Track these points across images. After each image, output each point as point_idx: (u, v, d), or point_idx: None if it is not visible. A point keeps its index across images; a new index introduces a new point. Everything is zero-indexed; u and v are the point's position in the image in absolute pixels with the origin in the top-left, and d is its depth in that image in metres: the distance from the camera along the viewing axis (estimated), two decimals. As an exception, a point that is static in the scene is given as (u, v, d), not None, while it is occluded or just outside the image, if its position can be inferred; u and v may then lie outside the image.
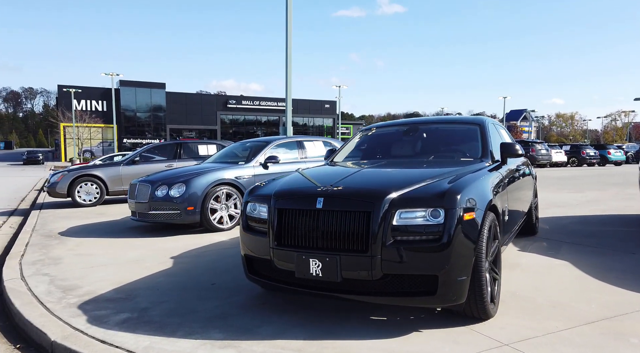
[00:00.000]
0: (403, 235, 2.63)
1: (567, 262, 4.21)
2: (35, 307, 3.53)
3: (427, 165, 3.59)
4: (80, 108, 53.01)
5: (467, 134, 4.18)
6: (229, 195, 6.75)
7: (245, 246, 3.33)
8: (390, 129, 4.73)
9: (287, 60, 12.40)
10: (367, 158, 4.34)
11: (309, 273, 2.78)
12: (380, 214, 2.64)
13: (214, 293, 3.74)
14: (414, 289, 2.65)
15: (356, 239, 2.68)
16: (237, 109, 61.90)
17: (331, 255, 2.71)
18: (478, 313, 2.78)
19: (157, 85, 57.82)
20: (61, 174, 10.50)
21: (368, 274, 2.64)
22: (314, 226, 2.83)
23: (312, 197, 2.87)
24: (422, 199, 2.66)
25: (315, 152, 8.17)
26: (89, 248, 5.69)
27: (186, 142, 11.88)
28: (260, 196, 3.28)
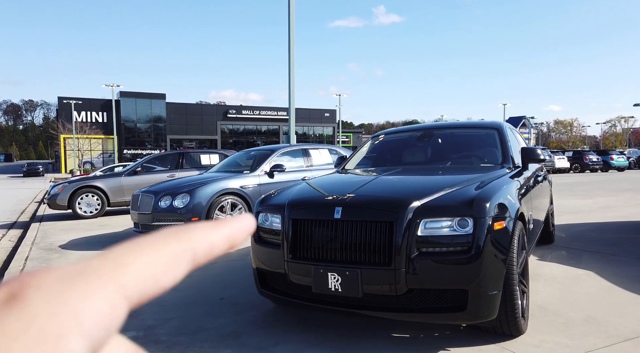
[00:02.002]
0: (429, 247, 2.46)
1: (592, 272, 4.03)
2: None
3: (446, 172, 3.43)
4: (80, 119, 52.97)
5: (484, 139, 4.02)
6: (234, 205, 6.58)
7: (257, 259, 3.15)
8: (403, 135, 4.57)
9: (290, 70, 12.31)
10: (380, 165, 4.18)
11: (327, 288, 2.61)
12: (404, 224, 2.47)
13: (224, 309, 3.55)
14: (441, 305, 2.48)
15: (378, 251, 2.51)
16: (237, 118, 61.86)
17: (351, 269, 2.54)
18: (509, 330, 2.60)
19: (157, 95, 57.86)
20: (62, 186, 10.33)
21: (391, 289, 2.46)
22: (331, 237, 2.66)
23: (329, 206, 2.71)
24: (448, 208, 2.49)
25: (321, 160, 8.01)
26: (91, 261, 5.50)
27: (188, 152, 11.73)
28: (272, 206, 3.12)
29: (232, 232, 0.25)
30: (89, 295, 0.19)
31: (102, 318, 0.19)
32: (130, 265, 0.21)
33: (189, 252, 0.23)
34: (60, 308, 0.18)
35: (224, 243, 0.25)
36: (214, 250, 0.24)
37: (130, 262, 0.21)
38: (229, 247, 0.25)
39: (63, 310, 0.18)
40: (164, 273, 0.22)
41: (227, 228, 0.25)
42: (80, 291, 0.19)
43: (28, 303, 0.18)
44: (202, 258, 0.24)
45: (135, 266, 0.21)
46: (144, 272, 0.21)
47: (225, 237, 0.25)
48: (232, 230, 0.25)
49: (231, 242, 0.25)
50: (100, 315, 0.19)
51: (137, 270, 0.21)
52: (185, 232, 0.24)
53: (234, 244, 0.25)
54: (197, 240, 0.23)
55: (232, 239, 0.25)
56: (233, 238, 0.25)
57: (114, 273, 0.20)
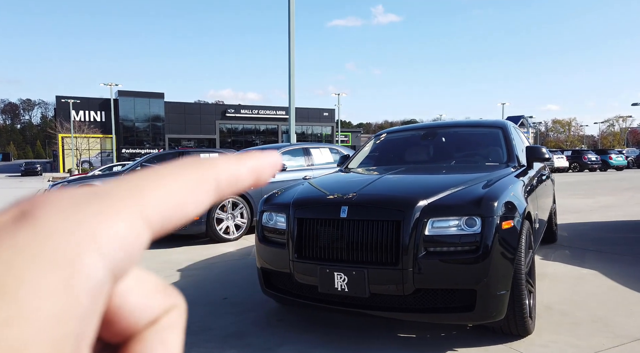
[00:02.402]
0: (436, 246, 2.44)
1: (596, 272, 4.02)
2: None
3: (452, 171, 3.40)
4: (78, 119, 52.85)
5: (489, 137, 4.00)
6: (235, 204, 6.55)
7: (261, 258, 3.12)
8: (406, 134, 4.54)
9: (290, 69, 12.28)
10: (383, 164, 4.15)
11: (334, 287, 2.58)
12: (411, 223, 2.44)
13: (227, 309, 3.53)
14: (449, 305, 2.45)
15: (385, 251, 2.49)
16: (235, 118, 61.79)
17: (358, 269, 2.51)
18: (517, 330, 2.57)
19: (156, 95, 57.74)
20: (60, 185, 10.28)
21: (399, 289, 2.44)
22: (338, 237, 2.63)
23: (335, 205, 2.68)
24: (456, 207, 2.47)
25: (322, 159, 7.99)
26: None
27: (187, 151, 11.68)
28: (277, 205, 3.09)
29: (258, 164, 0.24)
30: (107, 216, 0.17)
31: (121, 241, 0.17)
32: (152, 190, 0.19)
33: (213, 181, 0.21)
34: (76, 226, 0.16)
35: (250, 175, 0.23)
36: (239, 181, 0.23)
37: (152, 187, 0.19)
38: (255, 181, 0.24)
39: (79, 228, 0.16)
40: (187, 199, 0.20)
41: (253, 160, 0.24)
42: (97, 211, 0.17)
43: (40, 221, 0.16)
44: (226, 189, 0.22)
45: (157, 190, 0.19)
46: (167, 197, 0.19)
47: (251, 169, 0.23)
48: (258, 163, 0.24)
49: (257, 175, 0.24)
50: (120, 238, 0.17)
51: (159, 195, 0.19)
52: (208, 161, 0.22)
53: (259, 178, 0.24)
54: (221, 169, 0.22)
55: (257, 172, 0.24)
56: (259, 172, 0.24)
57: (134, 196, 0.18)
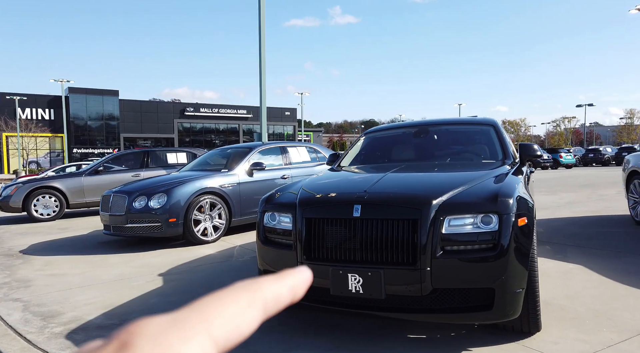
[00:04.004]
0: (453, 245, 2.40)
1: (581, 266, 4.14)
2: (14, 339, 3.04)
3: (453, 169, 3.40)
4: (25, 117, 49.89)
5: (481, 135, 4.04)
6: (213, 205, 6.33)
7: (263, 261, 3.00)
8: (397, 132, 4.52)
9: (261, 68, 12.09)
10: (377, 162, 4.10)
11: (347, 289, 2.50)
12: (429, 222, 2.40)
13: (222, 315, 3.36)
14: (466, 304, 2.42)
15: (402, 251, 2.43)
16: (195, 116, 60.35)
17: (373, 269, 2.44)
18: (528, 327, 2.58)
19: (110, 92, 55.45)
20: (15, 186, 9.61)
21: (416, 289, 2.39)
22: (350, 237, 2.55)
23: (347, 204, 2.60)
24: (472, 204, 2.44)
25: (299, 158, 7.88)
26: (60, 267, 5.12)
27: (154, 150, 11.23)
28: (280, 205, 2.97)
29: (295, 283, 0.28)
30: (186, 341, 0.21)
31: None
32: (216, 315, 0.23)
33: (261, 302, 0.25)
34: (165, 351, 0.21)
35: (289, 293, 0.27)
36: (280, 300, 0.27)
37: (215, 313, 0.23)
38: (292, 297, 0.28)
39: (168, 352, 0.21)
40: (243, 321, 0.24)
41: (290, 279, 0.28)
42: (179, 337, 0.21)
43: (138, 350, 0.20)
44: (271, 308, 0.26)
45: (219, 316, 0.23)
46: (227, 321, 0.23)
47: (289, 287, 0.28)
48: (295, 282, 0.28)
49: (294, 293, 0.28)
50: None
51: (222, 320, 0.23)
52: (255, 284, 0.26)
53: (296, 295, 0.28)
54: (266, 291, 0.26)
55: (295, 290, 0.28)
56: (296, 290, 0.28)
57: (204, 323, 0.23)
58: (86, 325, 3.26)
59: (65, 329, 3.19)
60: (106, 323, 3.28)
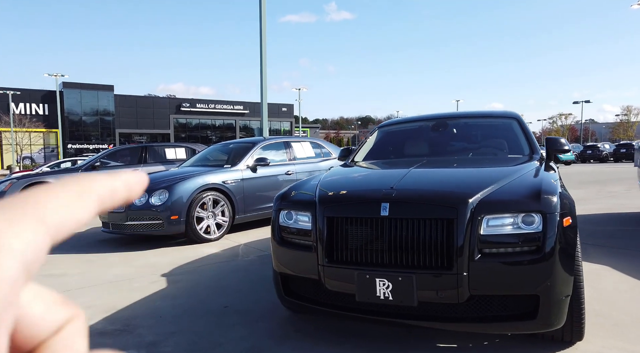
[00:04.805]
0: (493, 247, 2.20)
1: (608, 267, 3.96)
2: (9, 348, 2.81)
3: (481, 164, 3.18)
4: (18, 111, 49.28)
5: (503, 128, 3.83)
6: (215, 202, 6.10)
7: (280, 263, 2.78)
8: (413, 125, 4.30)
9: (262, 64, 11.84)
10: (394, 157, 3.89)
11: (375, 296, 2.29)
12: (465, 222, 2.19)
13: (233, 319, 3.15)
14: (506, 312, 2.22)
15: (436, 253, 2.22)
16: (191, 112, 59.89)
17: (404, 274, 2.23)
18: (571, 336, 2.38)
19: (105, 87, 54.85)
20: (9, 182, 9.34)
21: (452, 296, 2.18)
22: (377, 238, 2.34)
23: (373, 202, 2.38)
24: (512, 202, 2.24)
25: (303, 154, 7.66)
26: (59, 266, 4.88)
27: (152, 145, 10.96)
28: (298, 202, 2.75)
29: (130, 180, 0.27)
30: (13, 223, 0.20)
31: (28, 243, 0.20)
32: (47, 201, 0.22)
33: (95, 194, 0.25)
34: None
35: (124, 189, 0.27)
36: (115, 194, 0.26)
37: (47, 200, 0.22)
38: (128, 195, 0.27)
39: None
40: (76, 210, 0.23)
41: (126, 176, 0.27)
42: (5, 219, 0.20)
43: None
44: (107, 201, 0.25)
45: (51, 203, 0.22)
46: (60, 207, 0.22)
47: (125, 183, 0.27)
48: (130, 179, 0.27)
49: (130, 190, 0.27)
50: (27, 241, 0.20)
51: (53, 205, 0.22)
52: (88, 176, 0.25)
53: (132, 193, 0.27)
54: (100, 183, 0.25)
55: (130, 187, 0.27)
56: (131, 187, 0.27)
57: (34, 207, 0.21)
58: (88, 331, 3.03)
59: (64, 336, 2.97)
60: (108, 329, 3.06)
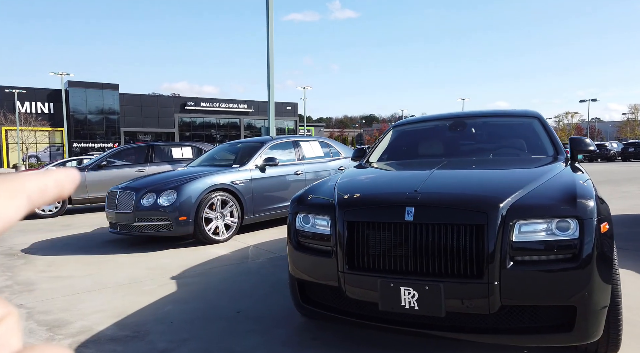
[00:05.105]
0: (526, 255, 2.08)
1: (630, 271, 3.83)
2: None
3: (505, 165, 3.06)
4: (24, 110, 49.42)
5: (525, 128, 3.70)
6: (224, 202, 6.00)
7: (297, 268, 2.67)
8: (429, 124, 4.18)
9: (269, 63, 11.73)
10: (410, 157, 3.77)
11: (400, 305, 2.18)
12: (497, 227, 2.07)
13: (246, 325, 3.05)
14: (540, 324, 2.10)
15: (465, 261, 2.11)
16: (195, 111, 59.90)
17: (431, 283, 2.12)
18: (606, 349, 2.25)
19: (110, 86, 54.91)
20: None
21: (483, 306, 2.07)
22: (401, 244, 2.23)
23: (397, 206, 2.27)
24: (545, 207, 2.11)
25: (312, 153, 7.55)
26: (65, 269, 4.80)
27: (158, 144, 10.88)
28: (315, 206, 2.64)
29: (61, 178, 0.27)
30: None
31: None
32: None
33: (24, 193, 0.24)
34: None
35: (55, 187, 0.27)
36: (46, 191, 0.26)
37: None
38: (59, 192, 0.27)
39: None
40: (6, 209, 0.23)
41: (57, 174, 0.27)
42: None
43: None
44: (37, 199, 0.25)
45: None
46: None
47: (55, 181, 0.27)
48: (61, 176, 0.27)
49: (61, 188, 0.27)
50: None
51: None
52: (17, 176, 0.25)
53: (63, 190, 0.27)
54: (30, 182, 0.25)
55: (61, 185, 0.27)
56: (62, 184, 0.27)
57: None
58: (97, 337, 2.94)
59: (74, 341, 2.88)
60: (119, 335, 2.96)
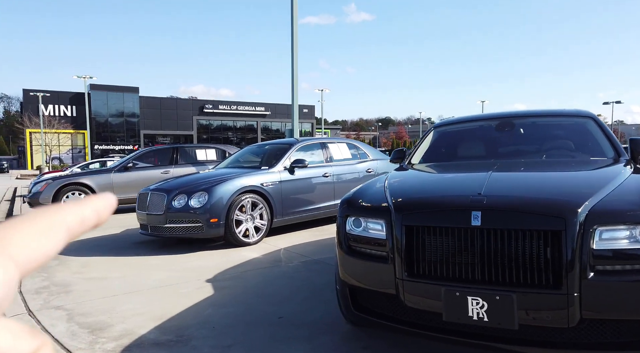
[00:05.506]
0: (607, 263, 1.94)
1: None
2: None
3: (569, 167, 2.90)
4: (47, 113, 50.49)
5: (579, 128, 3.53)
6: (254, 205, 5.93)
7: (348, 274, 2.56)
8: (473, 125, 4.04)
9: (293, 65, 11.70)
10: (456, 159, 3.64)
11: (467, 316, 2.05)
12: (576, 234, 1.94)
13: (290, 332, 2.95)
14: (621, 339, 1.95)
15: (541, 270, 1.97)
16: (213, 113, 60.42)
17: (503, 293, 1.99)
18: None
19: (130, 89, 55.78)
20: (45, 183, 9.39)
21: (561, 319, 1.93)
22: (467, 250, 2.11)
23: (462, 210, 2.15)
24: (627, 212, 1.97)
25: (340, 155, 7.44)
26: (99, 270, 4.78)
27: (183, 147, 10.91)
28: (368, 209, 2.54)
29: (99, 206, 0.28)
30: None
31: None
32: (14, 237, 0.22)
33: (64, 224, 0.25)
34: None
35: (93, 215, 0.27)
36: (85, 223, 0.26)
37: (14, 235, 0.22)
38: (97, 221, 0.27)
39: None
40: (45, 243, 0.23)
41: (94, 203, 0.28)
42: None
43: None
44: (76, 230, 0.26)
45: (18, 237, 0.22)
46: (28, 243, 0.23)
47: (93, 210, 0.27)
48: (98, 205, 0.28)
49: (99, 215, 0.27)
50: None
51: (21, 240, 0.22)
52: (56, 208, 0.26)
53: (101, 218, 0.28)
54: (68, 214, 0.26)
55: (99, 213, 0.28)
56: (100, 213, 0.28)
57: (2, 245, 0.22)
58: (140, 341, 2.88)
59: (117, 345, 2.82)
60: (162, 340, 2.90)
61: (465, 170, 3.03)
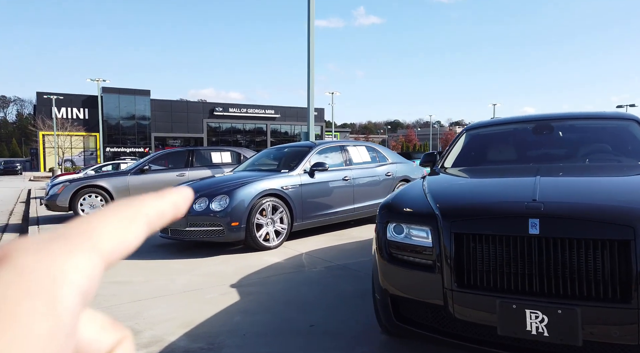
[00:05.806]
0: (678, 275, 1.81)
1: None
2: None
3: (620, 172, 2.78)
4: (60, 115, 51.00)
5: (622, 131, 3.39)
6: (275, 208, 5.84)
7: (390, 283, 2.45)
8: (508, 127, 3.91)
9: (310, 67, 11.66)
10: (492, 163, 3.51)
11: (525, 330, 1.93)
12: None
13: (324, 341, 2.85)
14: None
15: (608, 282, 1.85)
16: (224, 116, 60.64)
17: (565, 306, 1.87)
18: None
19: (142, 92, 56.19)
20: (62, 185, 9.39)
21: (630, 335, 1.80)
22: (523, 260, 1.99)
23: (517, 217, 2.03)
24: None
25: (360, 158, 7.34)
26: (122, 273, 4.71)
27: (199, 149, 10.88)
28: (411, 215, 2.43)
29: (177, 199, 0.27)
30: (71, 254, 0.20)
31: (84, 271, 0.20)
32: (99, 229, 0.23)
33: (145, 217, 0.25)
34: (48, 263, 0.19)
35: (172, 209, 0.27)
36: (164, 215, 0.26)
37: (99, 228, 0.23)
38: (175, 214, 0.27)
39: (50, 264, 0.19)
40: (128, 236, 0.24)
41: (172, 196, 0.27)
42: (62, 250, 0.20)
43: (17, 261, 0.19)
44: (155, 223, 0.26)
45: (104, 231, 0.23)
46: (112, 236, 0.23)
47: (171, 203, 0.27)
48: (176, 198, 0.28)
49: (177, 209, 0.27)
50: (82, 269, 0.20)
51: (107, 234, 0.23)
52: (137, 201, 0.26)
53: (179, 211, 0.28)
54: (149, 207, 0.26)
55: (177, 206, 0.27)
56: (178, 206, 0.27)
57: (89, 237, 0.22)
58: (170, 349, 2.79)
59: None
60: (193, 347, 2.81)
61: (508, 175, 2.91)
